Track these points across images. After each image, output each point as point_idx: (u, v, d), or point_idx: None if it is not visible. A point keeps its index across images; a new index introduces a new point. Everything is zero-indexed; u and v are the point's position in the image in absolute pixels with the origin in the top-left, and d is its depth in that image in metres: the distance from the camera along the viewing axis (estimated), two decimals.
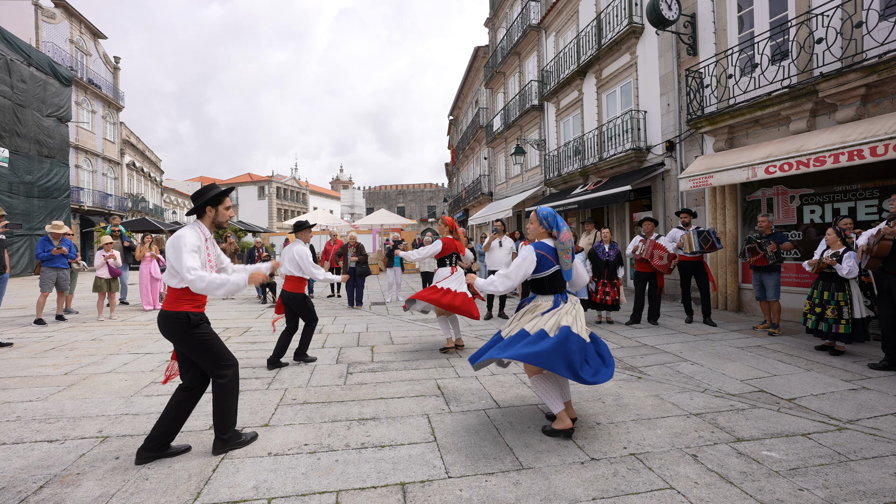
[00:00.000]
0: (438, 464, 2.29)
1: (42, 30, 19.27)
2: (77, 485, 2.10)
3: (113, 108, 24.38)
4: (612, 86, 10.18)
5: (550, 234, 2.72)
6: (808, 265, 4.50)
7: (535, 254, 2.63)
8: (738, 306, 7.01)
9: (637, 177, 8.57)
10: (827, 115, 5.71)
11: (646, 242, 5.95)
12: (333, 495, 2.01)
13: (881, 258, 3.78)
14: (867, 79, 5.01)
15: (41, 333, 5.77)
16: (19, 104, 15.49)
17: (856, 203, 5.69)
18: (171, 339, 2.32)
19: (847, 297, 4.22)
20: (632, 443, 2.52)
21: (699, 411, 2.96)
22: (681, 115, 8.01)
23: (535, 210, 2.80)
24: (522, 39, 14.80)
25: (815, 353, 4.43)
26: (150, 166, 30.90)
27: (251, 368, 4.07)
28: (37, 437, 2.64)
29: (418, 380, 3.72)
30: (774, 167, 5.54)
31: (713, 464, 2.27)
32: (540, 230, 2.75)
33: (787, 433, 2.62)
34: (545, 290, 2.69)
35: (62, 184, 17.57)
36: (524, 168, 15.61)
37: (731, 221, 7.06)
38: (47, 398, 3.29)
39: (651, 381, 3.61)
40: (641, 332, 5.63)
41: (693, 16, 7.65)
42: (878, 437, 2.55)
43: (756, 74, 6.40)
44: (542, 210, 2.76)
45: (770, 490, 2.03)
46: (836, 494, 1.99)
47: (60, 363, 4.27)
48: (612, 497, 1.99)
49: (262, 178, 50.04)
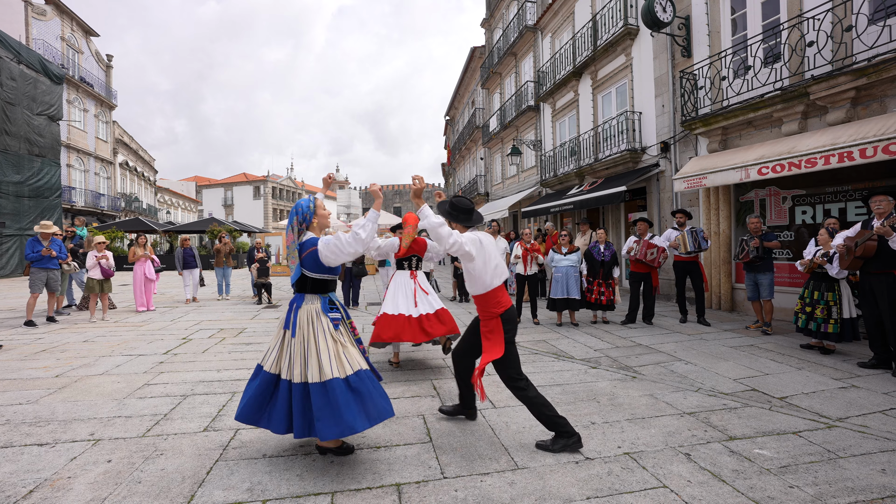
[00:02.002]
0: (434, 464, 2.30)
1: (32, 27, 19.01)
2: (68, 489, 2.08)
3: (105, 106, 24.11)
4: (608, 87, 10.24)
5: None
6: (801, 265, 4.57)
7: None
8: (732, 306, 7.08)
9: (632, 177, 8.63)
10: (818, 117, 5.79)
11: (640, 243, 6.00)
12: (328, 497, 2.01)
13: (865, 258, 3.83)
14: (857, 82, 5.08)
15: (31, 335, 5.70)
16: (9, 102, 15.26)
17: (846, 204, 5.77)
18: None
19: (836, 296, 4.28)
20: (626, 442, 2.53)
21: (693, 410, 2.99)
22: (675, 117, 8.07)
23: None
24: (519, 40, 14.84)
25: (805, 351, 4.49)
26: (144, 166, 30.60)
27: (246, 370, 4.04)
28: (26, 440, 2.60)
29: (414, 380, 3.72)
30: (767, 168, 5.61)
31: (706, 462, 2.29)
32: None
33: (778, 431, 2.65)
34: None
35: (53, 183, 17.34)
36: (520, 168, 15.65)
37: (724, 222, 7.13)
38: (38, 401, 3.25)
39: (645, 381, 3.63)
40: (636, 331, 5.66)
41: (687, 18, 7.72)
42: (866, 434, 2.59)
43: (749, 77, 6.46)
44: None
45: (761, 488, 2.05)
46: (826, 491, 2.02)
47: (51, 365, 4.22)
48: (606, 496, 2.00)
49: (258, 177, 49.75)
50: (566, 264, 6.04)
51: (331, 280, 2.40)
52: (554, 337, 5.41)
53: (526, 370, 3.97)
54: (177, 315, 7.37)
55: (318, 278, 2.33)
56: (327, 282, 2.38)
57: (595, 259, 6.20)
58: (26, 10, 18.77)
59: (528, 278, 6.47)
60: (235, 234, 19.82)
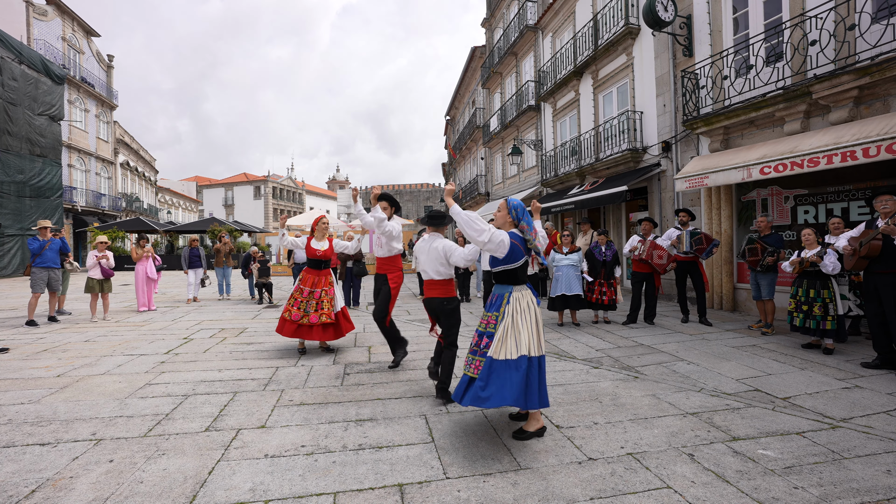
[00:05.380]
0: (436, 465, 2.29)
1: (34, 27, 19.03)
2: (70, 488, 2.08)
3: (107, 106, 24.14)
4: (609, 86, 10.22)
5: (517, 226, 2.66)
6: (790, 265, 4.57)
7: (510, 241, 2.55)
8: (734, 306, 7.07)
9: (633, 177, 8.61)
10: (820, 116, 5.77)
11: (644, 243, 5.99)
12: (331, 497, 2.00)
13: (871, 258, 3.81)
14: (860, 81, 5.06)
15: (33, 335, 5.70)
16: (10, 102, 15.29)
17: (848, 203, 5.75)
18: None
19: (831, 294, 4.29)
20: (629, 442, 2.52)
21: (695, 410, 2.98)
22: (677, 116, 8.05)
23: (506, 199, 2.74)
24: (519, 40, 14.83)
25: (808, 351, 4.47)
26: (145, 166, 30.63)
27: (247, 370, 4.04)
28: (28, 440, 2.60)
29: (416, 380, 3.71)
30: (769, 168, 5.59)
31: (710, 463, 2.28)
32: (507, 219, 2.68)
33: (782, 432, 2.64)
34: (519, 281, 2.65)
35: (54, 183, 17.37)
36: (521, 168, 15.63)
37: (726, 222, 7.11)
38: (39, 401, 3.25)
39: (648, 381, 3.62)
40: (638, 331, 5.65)
41: (689, 17, 7.70)
42: (870, 435, 2.58)
43: (751, 76, 6.44)
44: (514, 200, 2.71)
45: (766, 488, 2.04)
46: (831, 492, 2.00)
47: (53, 365, 4.22)
48: (609, 497, 1.99)
49: (259, 177, 49.78)
50: (567, 264, 6.03)
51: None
52: (555, 337, 5.40)
53: None
54: (178, 315, 7.37)
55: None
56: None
57: (597, 259, 6.19)
58: (27, 11, 18.79)
59: (529, 278, 6.46)
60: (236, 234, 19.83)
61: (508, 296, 2.60)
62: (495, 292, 2.69)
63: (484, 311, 2.73)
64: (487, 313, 2.68)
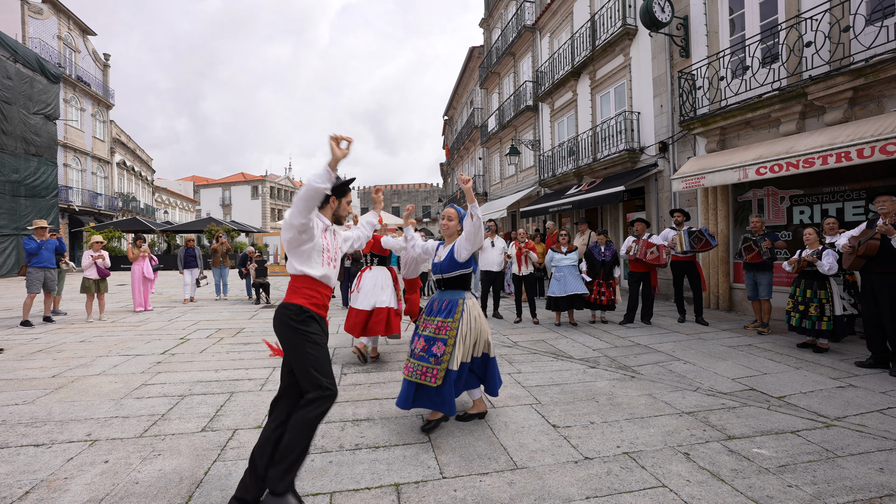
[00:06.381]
0: (433, 464, 2.29)
1: (29, 25, 18.91)
2: (65, 489, 2.07)
3: (103, 105, 24.01)
4: (606, 87, 10.25)
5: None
6: (788, 265, 4.60)
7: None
8: (730, 306, 7.10)
9: (631, 177, 8.64)
10: (816, 117, 5.80)
11: (639, 243, 6.02)
12: (327, 497, 2.00)
13: (868, 257, 3.85)
14: (854, 82, 5.10)
15: (28, 335, 5.66)
16: (5, 101, 15.19)
17: (843, 204, 5.79)
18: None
19: (828, 294, 4.32)
20: (625, 442, 2.53)
21: (691, 410, 2.99)
22: (673, 117, 8.09)
23: (455, 207, 2.86)
24: (517, 40, 14.84)
25: (803, 351, 4.50)
26: (142, 165, 30.49)
27: (244, 370, 4.03)
28: (23, 441, 2.58)
29: None
30: (765, 168, 5.62)
31: (705, 462, 2.29)
32: (459, 227, 2.82)
33: (776, 430, 2.65)
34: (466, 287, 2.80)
35: (50, 183, 17.26)
36: (519, 168, 15.65)
37: (722, 222, 7.15)
38: (34, 401, 3.23)
39: (644, 380, 3.64)
40: (635, 331, 5.67)
41: (686, 18, 7.73)
42: (864, 433, 2.60)
43: (747, 77, 6.48)
44: (460, 209, 2.88)
45: (760, 487, 2.06)
46: (824, 490, 2.02)
47: (48, 365, 4.20)
48: (605, 496, 2.00)
49: (256, 177, 49.60)
50: (566, 263, 6.04)
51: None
52: (553, 336, 5.42)
53: (525, 370, 3.98)
54: (174, 315, 7.34)
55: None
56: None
57: (596, 259, 6.21)
58: (23, 9, 18.67)
59: (525, 278, 6.48)
60: (233, 234, 19.77)
61: (462, 303, 2.72)
62: (445, 297, 2.74)
63: (429, 316, 2.73)
64: (437, 318, 2.68)
